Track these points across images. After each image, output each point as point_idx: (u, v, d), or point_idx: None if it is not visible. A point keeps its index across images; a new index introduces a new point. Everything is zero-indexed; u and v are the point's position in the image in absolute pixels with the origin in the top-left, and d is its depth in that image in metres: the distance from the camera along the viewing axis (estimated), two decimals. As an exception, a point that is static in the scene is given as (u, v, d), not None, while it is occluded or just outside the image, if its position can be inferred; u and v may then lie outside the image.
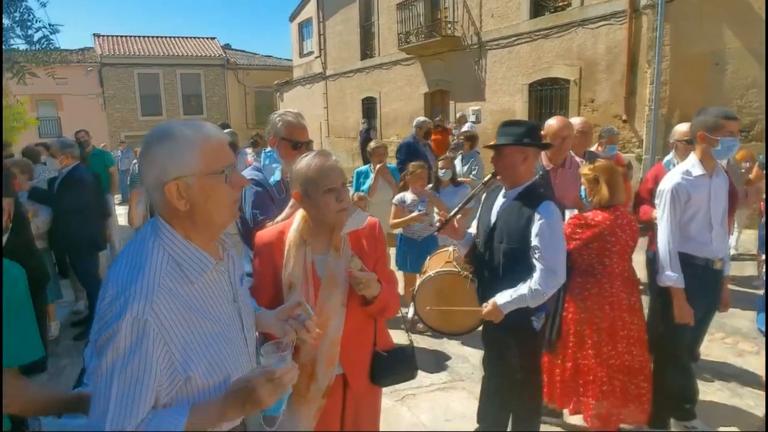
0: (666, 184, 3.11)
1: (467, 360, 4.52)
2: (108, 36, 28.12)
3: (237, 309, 1.53)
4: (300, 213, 2.17)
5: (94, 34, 27.96)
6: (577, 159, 3.95)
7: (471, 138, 7.55)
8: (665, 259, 3.05)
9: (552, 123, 3.68)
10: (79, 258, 5.38)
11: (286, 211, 2.44)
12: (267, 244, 2.17)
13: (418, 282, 2.88)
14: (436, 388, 4.12)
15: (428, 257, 3.74)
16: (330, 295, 2.09)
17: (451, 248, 3.44)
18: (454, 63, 14.03)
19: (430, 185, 5.39)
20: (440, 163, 5.48)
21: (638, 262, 3.40)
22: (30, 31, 2.54)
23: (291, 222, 2.20)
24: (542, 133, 3.52)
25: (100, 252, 5.66)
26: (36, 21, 2.51)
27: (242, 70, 28.81)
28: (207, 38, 30.14)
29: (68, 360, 4.80)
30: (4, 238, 2.06)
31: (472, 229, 3.10)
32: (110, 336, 1.23)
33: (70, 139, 6.52)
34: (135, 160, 10.08)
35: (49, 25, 2.63)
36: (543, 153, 3.75)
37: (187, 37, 29.87)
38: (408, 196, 5.16)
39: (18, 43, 2.67)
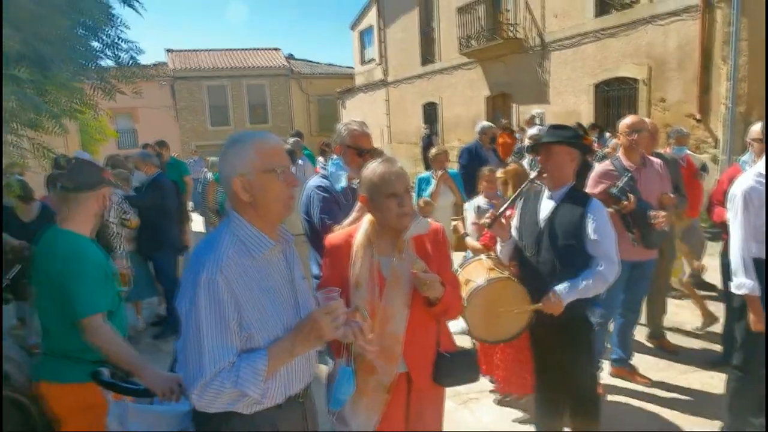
0: (738, 188, 2.98)
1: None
2: (179, 51, 29.56)
3: (294, 291, 1.78)
4: (368, 217, 2.27)
5: (166, 50, 29.46)
6: (655, 159, 3.92)
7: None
8: (738, 266, 2.93)
9: (626, 119, 3.88)
10: (160, 258, 5.75)
11: (353, 215, 2.54)
12: (335, 246, 2.28)
13: (465, 293, 2.84)
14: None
15: (458, 268, 3.41)
16: (394, 295, 2.18)
17: (483, 257, 3.35)
18: (515, 65, 13.86)
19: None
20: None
21: (713, 267, 3.28)
22: (120, 53, 2.81)
23: (358, 226, 2.30)
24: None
25: (179, 255, 6.02)
26: (125, 43, 2.78)
27: (305, 79, 29.54)
28: (271, 49, 31.09)
29: (148, 356, 5.11)
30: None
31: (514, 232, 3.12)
32: (191, 296, 1.56)
33: (148, 151, 6.97)
34: (205, 169, 10.61)
35: (136, 46, 2.92)
36: (621, 153, 3.86)
37: (251, 49, 30.93)
38: (481, 200, 5.21)
39: (108, 64, 2.96)
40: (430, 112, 18.27)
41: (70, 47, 2.59)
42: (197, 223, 8.76)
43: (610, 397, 3.90)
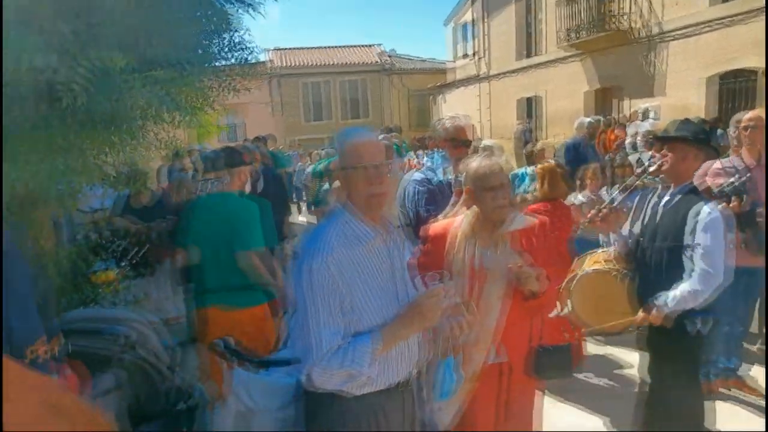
0: None
1: (632, 366, 4.33)
2: (278, 49, 30.83)
3: (395, 280, 1.88)
4: (473, 208, 2.34)
5: (266, 48, 30.87)
6: None
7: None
8: None
9: (744, 114, 3.77)
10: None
11: (455, 207, 2.62)
12: (436, 236, 2.37)
13: (571, 279, 2.87)
14: (597, 391, 4.05)
15: (575, 258, 3.66)
16: (490, 288, 2.24)
17: (599, 250, 3.34)
18: (622, 57, 13.19)
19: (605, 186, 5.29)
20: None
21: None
22: (236, 53, 3.08)
23: (458, 217, 2.38)
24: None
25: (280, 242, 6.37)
26: (241, 44, 3.05)
27: (399, 74, 29.81)
28: (366, 45, 31.65)
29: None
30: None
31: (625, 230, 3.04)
32: (301, 282, 1.71)
33: (252, 145, 7.39)
34: (300, 163, 11.17)
35: (250, 47, 3.20)
36: (745, 149, 3.71)
37: (348, 46, 31.65)
38: (582, 197, 5.13)
39: (227, 64, 3.25)
40: (529, 106, 17.82)
41: (195, 50, 2.85)
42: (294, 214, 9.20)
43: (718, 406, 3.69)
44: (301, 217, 11.71)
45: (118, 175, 3.47)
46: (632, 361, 4.37)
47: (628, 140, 9.52)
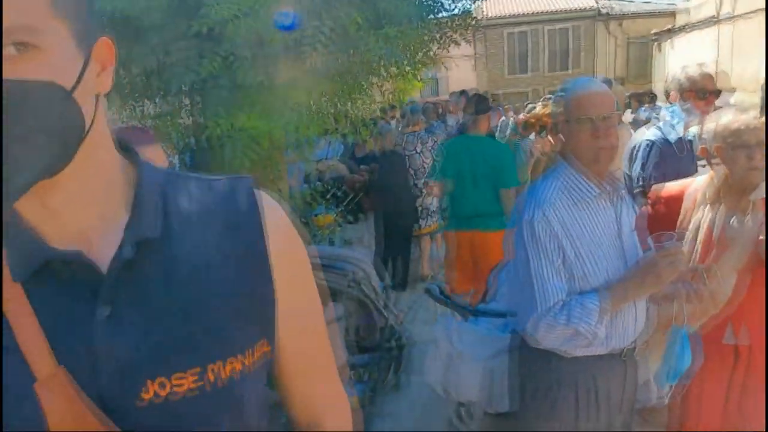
0: None
1: None
2: (483, -1, 30.06)
3: (621, 242, 1.75)
4: (718, 168, 2.08)
5: (472, -1, 30.34)
6: None
7: None
8: None
9: None
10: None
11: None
12: (670, 197, 2.16)
13: None
14: None
15: None
16: (726, 258, 1.98)
17: None
18: None
19: None
20: None
21: None
22: (456, 3, 3.16)
23: (697, 177, 2.14)
24: None
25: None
26: None
27: (618, 19, 27.09)
28: (577, -11, 29.28)
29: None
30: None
31: None
32: (520, 235, 1.69)
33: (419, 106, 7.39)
34: (503, 118, 10.83)
35: None
36: None
37: (556, -8, 29.61)
38: None
39: (444, 16, 3.32)
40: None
41: (420, 3, 2.92)
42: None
43: None
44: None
45: (344, 126, 3.78)
46: None
47: None
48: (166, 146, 3.48)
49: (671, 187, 2.20)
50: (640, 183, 2.73)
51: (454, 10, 3.33)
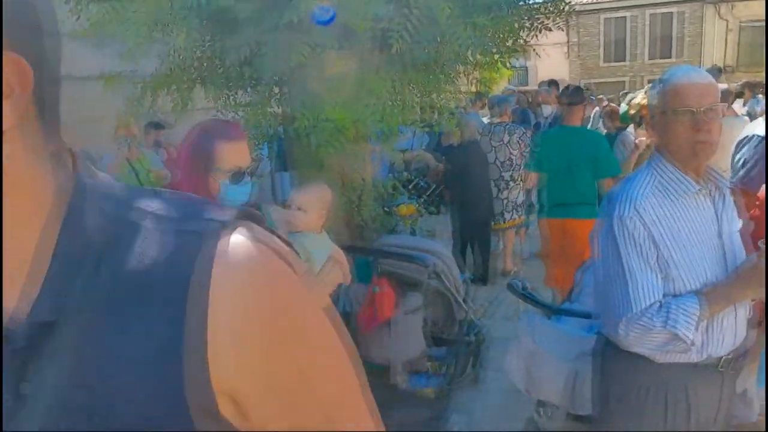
0: None
1: None
2: (581, -17, 28.73)
3: (721, 243, 1.63)
4: None
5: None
6: None
7: None
8: None
9: None
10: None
11: None
12: None
13: None
14: None
15: None
16: None
17: None
18: None
19: None
20: None
21: None
22: None
23: None
24: None
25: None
26: None
27: (726, 2, 24.99)
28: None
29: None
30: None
31: None
32: (608, 230, 1.60)
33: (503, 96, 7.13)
34: (597, 108, 10.30)
35: None
36: None
37: (662, -26, 27.71)
38: None
39: (534, 2, 3.22)
40: None
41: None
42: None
43: None
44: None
45: (429, 116, 3.75)
46: None
47: None
48: (256, 135, 3.62)
49: None
50: (741, 181, 2.50)
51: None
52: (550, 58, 26.42)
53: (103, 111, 3.93)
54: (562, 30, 27.33)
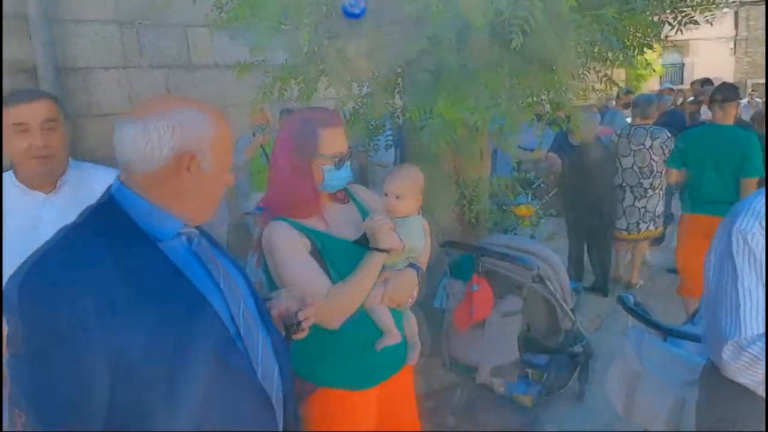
0: None
1: None
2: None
3: None
4: None
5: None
6: None
7: None
8: None
9: None
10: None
11: None
12: None
13: None
14: None
15: None
16: None
17: None
18: None
19: None
20: None
21: None
22: None
23: None
24: None
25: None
26: None
27: None
28: None
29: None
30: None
31: None
32: (728, 250, 1.43)
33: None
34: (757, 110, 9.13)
35: None
36: None
37: None
38: None
39: None
40: None
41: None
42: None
43: None
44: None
45: (554, 114, 3.59)
46: None
47: None
48: (374, 127, 3.71)
49: None
50: None
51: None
52: (712, 54, 24.03)
53: (240, 98, 4.27)
54: (721, 23, 24.61)
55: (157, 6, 3.61)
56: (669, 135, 4.82)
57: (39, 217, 1.63)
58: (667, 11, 2.93)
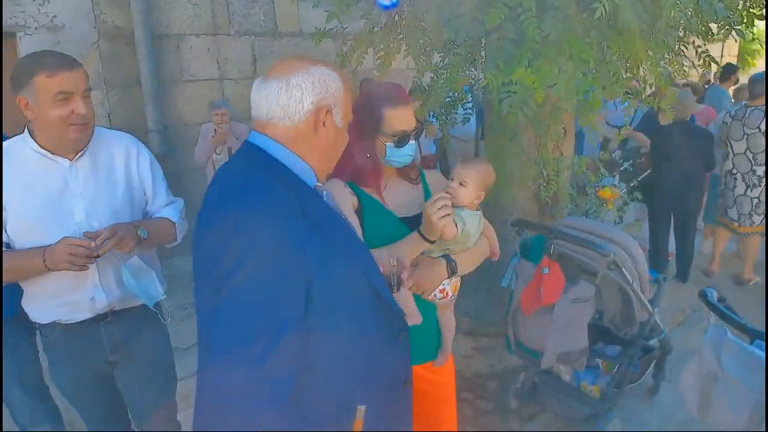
0: None
1: None
2: None
3: None
4: None
5: None
6: None
7: None
8: None
9: None
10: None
11: None
12: None
13: None
14: None
15: None
16: None
17: None
18: None
19: None
20: None
21: None
22: None
23: None
24: None
25: None
26: None
27: None
28: None
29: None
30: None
31: None
32: None
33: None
34: None
35: None
36: None
37: None
38: None
39: None
40: None
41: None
42: None
43: None
44: None
45: (645, 91, 3.33)
46: None
47: None
48: (452, 99, 3.61)
49: None
50: None
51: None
52: None
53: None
54: None
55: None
56: None
57: (66, 183, 1.67)
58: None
